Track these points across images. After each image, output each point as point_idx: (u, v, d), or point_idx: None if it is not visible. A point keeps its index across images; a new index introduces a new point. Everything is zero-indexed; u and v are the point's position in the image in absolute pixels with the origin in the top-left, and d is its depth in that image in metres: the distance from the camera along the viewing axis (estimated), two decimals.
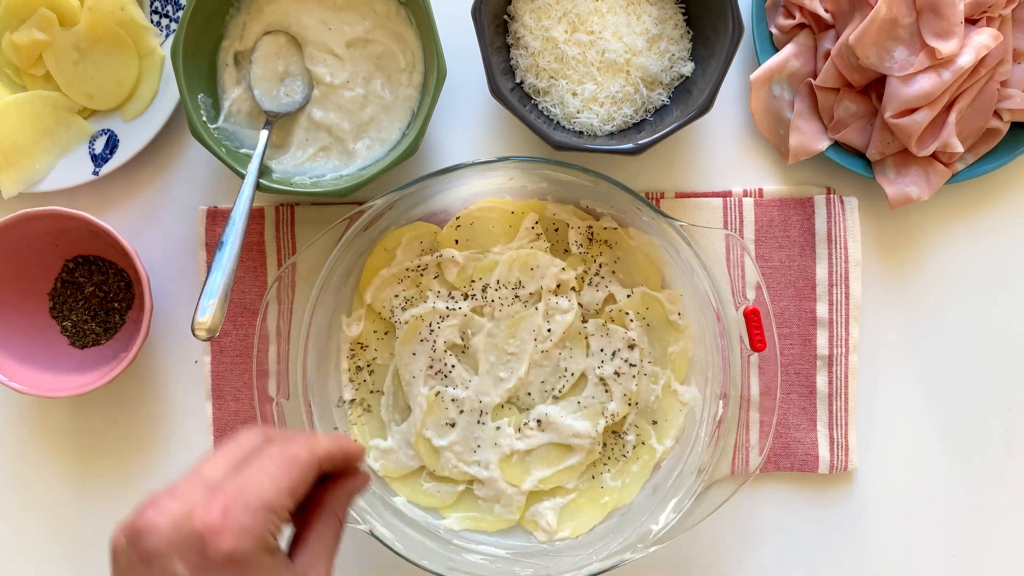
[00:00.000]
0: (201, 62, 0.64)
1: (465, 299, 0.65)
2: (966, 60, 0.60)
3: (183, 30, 0.60)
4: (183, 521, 0.39)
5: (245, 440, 0.44)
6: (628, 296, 0.65)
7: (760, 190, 0.67)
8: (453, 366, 0.64)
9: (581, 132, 0.64)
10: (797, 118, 0.65)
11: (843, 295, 0.66)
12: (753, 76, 0.65)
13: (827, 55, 0.64)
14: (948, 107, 0.62)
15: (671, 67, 0.64)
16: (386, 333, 0.66)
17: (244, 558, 0.39)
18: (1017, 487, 0.67)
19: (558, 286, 0.64)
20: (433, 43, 0.60)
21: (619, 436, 0.65)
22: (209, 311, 0.56)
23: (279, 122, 0.64)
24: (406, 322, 0.65)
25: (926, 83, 0.60)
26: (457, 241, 0.65)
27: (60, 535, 0.69)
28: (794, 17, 0.64)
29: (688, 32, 0.65)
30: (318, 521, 0.45)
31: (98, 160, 0.67)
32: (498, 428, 0.64)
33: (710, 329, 0.63)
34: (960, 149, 0.62)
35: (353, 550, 0.68)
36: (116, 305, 0.68)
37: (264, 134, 0.63)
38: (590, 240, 0.65)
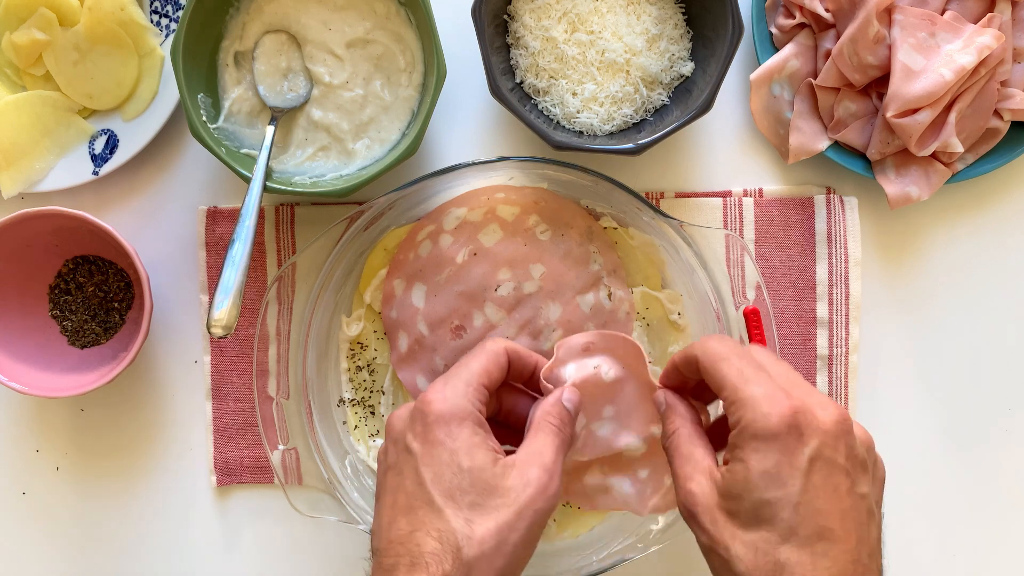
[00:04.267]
0: (201, 62, 0.64)
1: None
2: (968, 60, 0.60)
3: (183, 30, 0.60)
4: (413, 407, 0.51)
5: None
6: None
7: (760, 190, 0.67)
8: None
9: (581, 132, 0.64)
10: (797, 118, 0.65)
11: (843, 295, 0.66)
12: (753, 76, 0.65)
13: (827, 55, 0.64)
14: (948, 107, 0.62)
15: (671, 67, 0.64)
16: (386, 333, 0.66)
17: (449, 415, 0.48)
18: (1017, 487, 0.67)
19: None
20: (433, 43, 0.60)
21: None
22: (225, 306, 0.57)
23: (279, 122, 0.64)
24: None
25: (928, 82, 0.60)
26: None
27: (60, 535, 0.69)
28: (794, 17, 0.64)
29: (688, 32, 0.65)
30: (532, 430, 0.51)
31: (98, 160, 0.67)
32: None
33: (710, 329, 0.63)
34: (960, 149, 0.62)
35: (353, 550, 0.68)
36: (116, 305, 0.68)
37: (271, 129, 0.63)
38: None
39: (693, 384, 0.52)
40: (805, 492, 0.42)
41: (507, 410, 0.56)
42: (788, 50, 0.65)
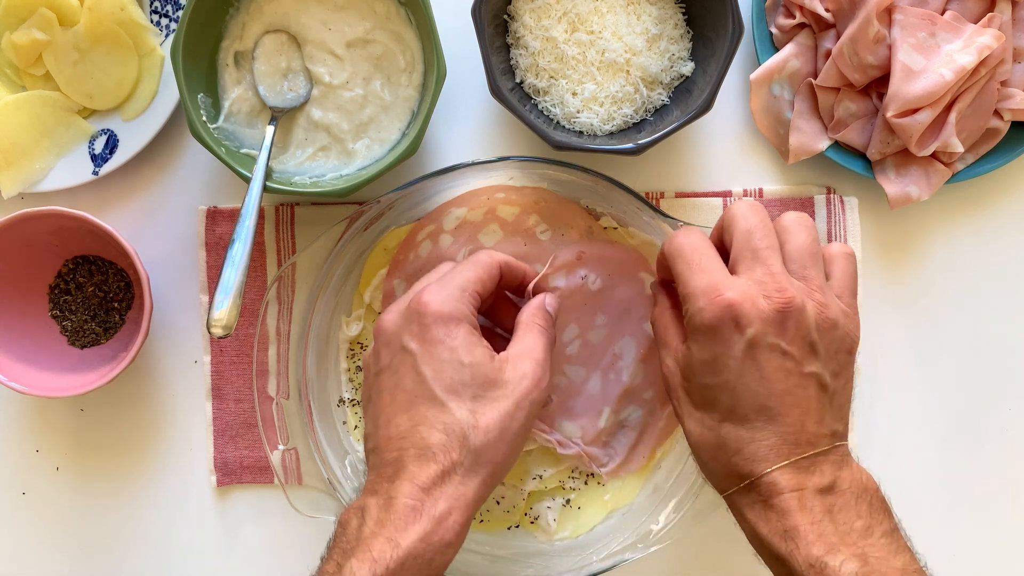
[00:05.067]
0: (201, 62, 0.64)
1: None
2: (968, 60, 0.60)
3: (183, 30, 0.60)
4: (405, 308, 0.53)
5: (448, 263, 0.58)
6: None
7: (760, 190, 0.67)
8: None
9: (581, 132, 0.64)
10: (797, 118, 0.65)
11: None
12: (753, 76, 0.65)
13: (827, 55, 0.64)
14: (948, 107, 0.62)
15: (671, 67, 0.64)
16: None
17: (447, 316, 0.51)
18: (1017, 487, 0.67)
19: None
20: (433, 43, 0.60)
21: None
22: (225, 306, 0.57)
23: (279, 122, 0.64)
24: None
25: (929, 82, 0.60)
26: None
27: (60, 535, 0.69)
28: (794, 17, 0.64)
29: (688, 32, 0.65)
30: (519, 330, 0.55)
31: (98, 160, 0.67)
32: None
33: None
34: (960, 149, 0.62)
35: None
36: (116, 305, 0.68)
37: (271, 129, 0.63)
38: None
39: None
40: (740, 377, 0.47)
41: (492, 315, 0.60)
42: (788, 50, 0.65)
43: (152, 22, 0.67)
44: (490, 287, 0.54)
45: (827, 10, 0.64)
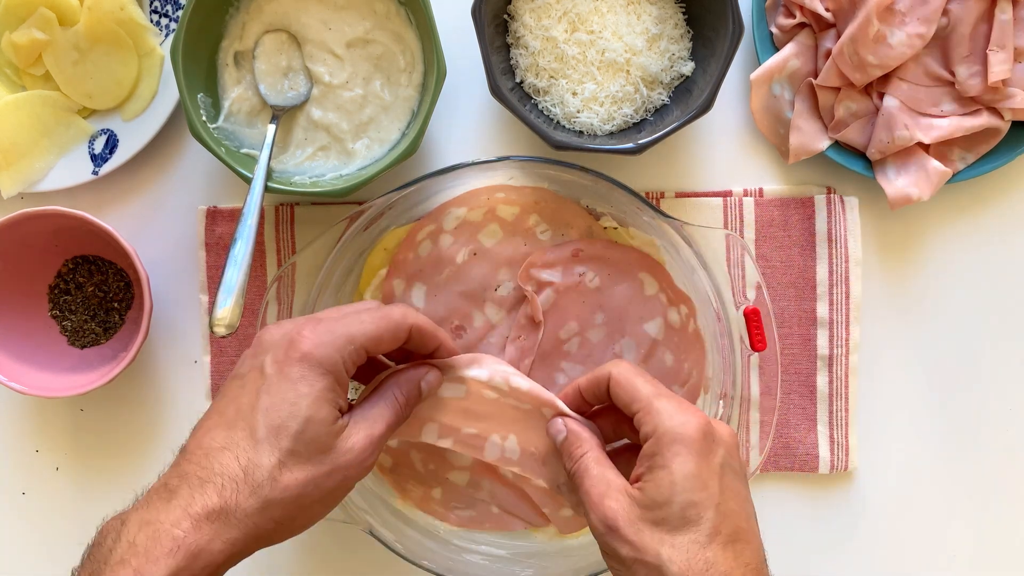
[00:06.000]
0: (201, 62, 0.64)
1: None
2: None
3: (183, 30, 0.60)
4: (288, 331, 0.49)
5: (363, 303, 0.53)
6: None
7: (760, 190, 0.67)
8: None
9: (581, 132, 0.64)
10: (797, 117, 0.65)
11: (843, 295, 0.66)
12: (753, 76, 0.65)
13: (828, 54, 0.63)
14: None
15: (671, 67, 0.64)
16: None
17: (316, 361, 0.47)
18: (1017, 488, 0.67)
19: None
20: (433, 43, 0.60)
21: None
22: (227, 304, 0.57)
23: (279, 122, 0.64)
24: None
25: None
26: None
27: (60, 535, 0.69)
28: (794, 16, 0.64)
29: (688, 32, 0.65)
30: (374, 395, 0.51)
31: (98, 160, 0.67)
32: None
33: (710, 329, 0.63)
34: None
35: (353, 550, 0.68)
36: (116, 305, 0.68)
37: (272, 128, 0.63)
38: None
39: (591, 413, 0.56)
40: (722, 494, 0.46)
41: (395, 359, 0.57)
42: (788, 50, 0.65)
43: (152, 22, 0.67)
44: (386, 348, 0.50)
45: (827, 10, 0.64)
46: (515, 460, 0.57)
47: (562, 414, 0.54)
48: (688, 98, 0.63)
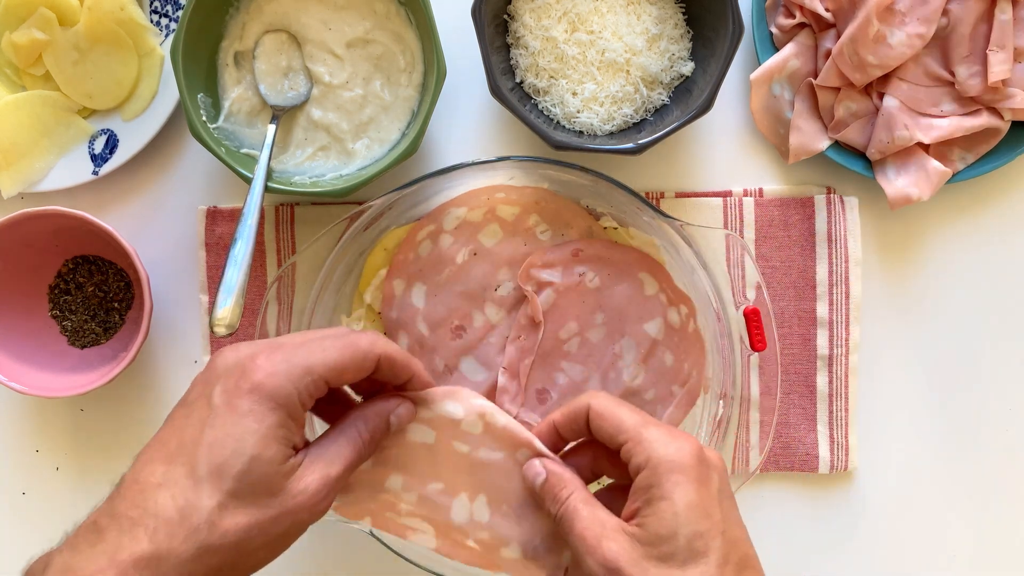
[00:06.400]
0: (201, 62, 0.64)
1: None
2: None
3: (183, 30, 0.60)
4: (241, 358, 0.44)
5: (330, 329, 0.48)
6: None
7: (760, 190, 0.67)
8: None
9: (581, 132, 0.64)
10: (797, 118, 0.65)
11: (843, 295, 0.66)
12: (753, 76, 0.65)
13: (828, 54, 0.64)
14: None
15: (671, 67, 0.64)
16: (385, 333, 0.66)
17: (267, 393, 0.43)
18: (1017, 488, 0.67)
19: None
20: (433, 43, 0.60)
21: None
22: (228, 304, 0.57)
23: (279, 121, 0.64)
24: None
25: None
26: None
27: (60, 535, 0.69)
28: (794, 16, 0.64)
29: (688, 32, 0.65)
30: (334, 430, 0.47)
31: (98, 160, 0.67)
32: None
33: (710, 329, 0.63)
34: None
35: (353, 550, 0.68)
36: (116, 305, 0.68)
37: (272, 128, 0.63)
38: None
39: (564, 453, 0.51)
40: (725, 521, 0.44)
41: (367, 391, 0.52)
42: (788, 50, 0.65)
43: (152, 22, 0.67)
44: (350, 379, 0.46)
45: (827, 10, 0.64)
46: (484, 524, 0.51)
47: (539, 454, 0.50)
48: (688, 98, 0.63)
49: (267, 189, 0.61)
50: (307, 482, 0.44)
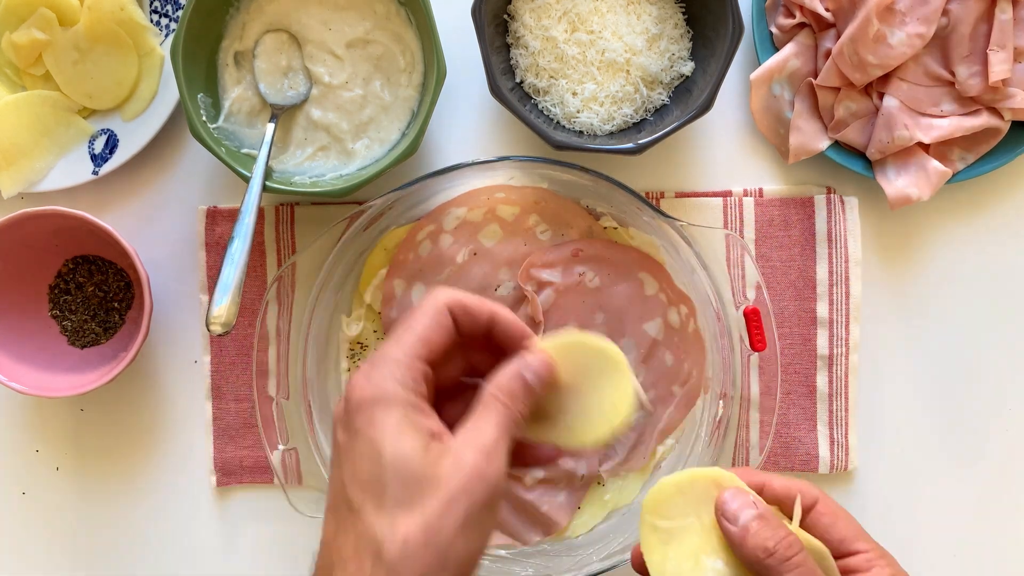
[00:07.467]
0: (201, 62, 0.64)
1: None
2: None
3: (183, 30, 0.60)
4: (347, 391, 0.43)
5: (413, 309, 0.46)
6: None
7: (760, 190, 0.67)
8: None
9: (581, 132, 0.64)
10: (797, 118, 0.65)
11: (843, 295, 0.66)
12: (753, 76, 0.65)
13: (828, 54, 0.63)
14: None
15: (671, 67, 0.64)
16: (385, 333, 0.66)
17: (372, 401, 0.41)
18: (1017, 487, 0.67)
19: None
20: (433, 43, 0.60)
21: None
22: (224, 303, 0.57)
23: (279, 121, 0.64)
24: None
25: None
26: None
27: (60, 535, 0.69)
28: (794, 16, 0.64)
29: (688, 32, 0.65)
30: (473, 408, 0.44)
31: (98, 160, 0.67)
32: None
33: (710, 329, 0.63)
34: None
35: None
36: (116, 305, 0.68)
37: (271, 127, 0.63)
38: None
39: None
40: None
41: (477, 370, 0.48)
42: (788, 50, 0.65)
43: (152, 22, 0.67)
44: (440, 343, 0.44)
45: (827, 9, 0.64)
46: None
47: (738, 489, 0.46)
48: (688, 98, 0.63)
49: (267, 189, 0.61)
50: (462, 459, 0.41)
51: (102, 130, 0.67)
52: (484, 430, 0.42)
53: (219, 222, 0.67)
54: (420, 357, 0.43)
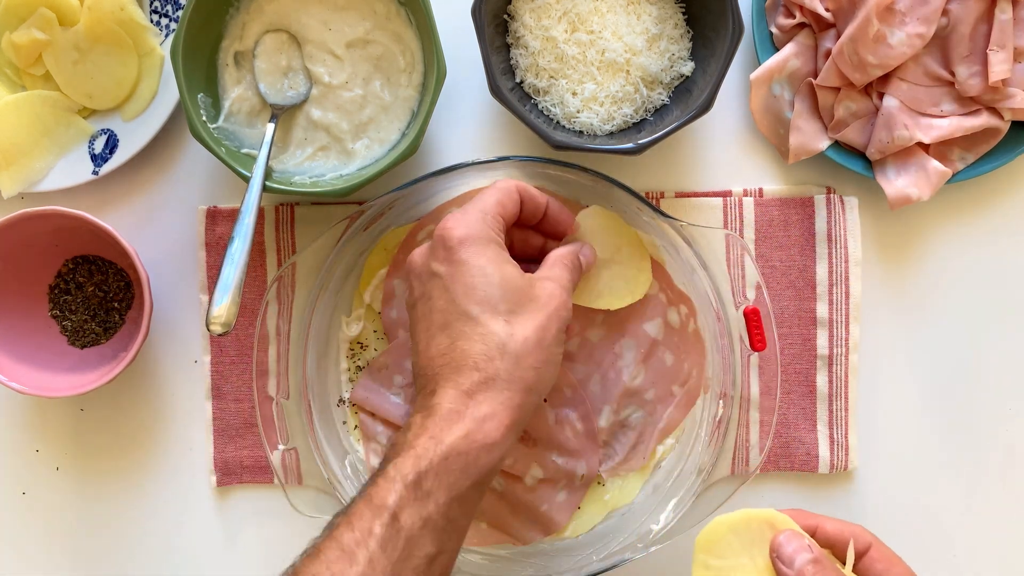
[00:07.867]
0: (201, 62, 0.64)
1: None
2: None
3: (183, 30, 0.60)
4: (434, 236, 0.53)
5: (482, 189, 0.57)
6: None
7: (760, 190, 0.67)
8: None
9: (581, 132, 0.64)
10: (797, 118, 0.65)
11: (843, 295, 0.66)
12: (753, 76, 0.65)
13: (827, 54, 0.64)
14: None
15: (671, 67, 0.64)
16: (385, 333, 0.66)
17: (473, 238, 0.51)
18: (1017, 487, 0.67)
19: None
20: (433, 43, 0.60)
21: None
22: (224, 302, 0.57)
23: (279, 121, 0.64)
24: None
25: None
26: None
27: (60, 535, 0.69)
28: (794, 16, 0.64)
29: (688, 32, 0.65)
30: (544, 264, 0.55)
31: (98, 160, 0.67)
32: None
33: (710, 329, 0.63)
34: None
35: None
36: (116, 305, 0.68)
37: (271, 127, 0.63)
38: None
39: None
40: None
41: (518, 249, 0.59)
42: (788, 50, 0.65)
43: (152, 22, 0.67)
44: (511, 212, 0.54)
45: (827, 9, 0.64)
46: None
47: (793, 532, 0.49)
48: (688, 98, 0.63)
49: (267, 189, 0.61)
50: (548, 285, 0.52)
51: (102, 130, 0.67)
52: (560, 276, 0.53)
53: (219, 222, 0.67)
54: (500, 216, 0.53)
